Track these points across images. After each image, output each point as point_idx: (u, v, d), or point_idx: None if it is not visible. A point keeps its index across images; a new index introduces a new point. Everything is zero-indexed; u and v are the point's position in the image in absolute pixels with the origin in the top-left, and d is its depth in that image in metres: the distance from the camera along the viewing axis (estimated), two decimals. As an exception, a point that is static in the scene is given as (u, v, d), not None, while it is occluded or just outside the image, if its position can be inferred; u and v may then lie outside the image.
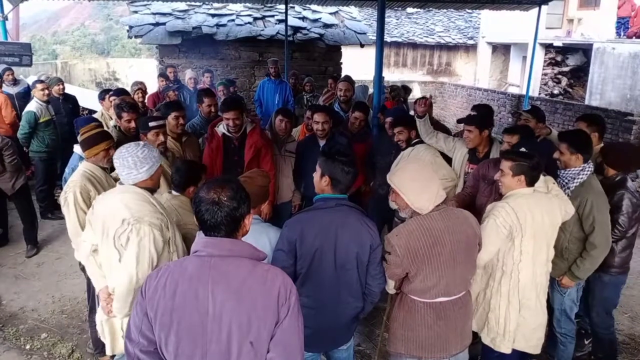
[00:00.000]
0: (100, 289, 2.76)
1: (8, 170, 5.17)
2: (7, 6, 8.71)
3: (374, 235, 2.49)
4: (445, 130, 4.93)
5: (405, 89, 8.42)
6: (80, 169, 3.28)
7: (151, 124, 3.65)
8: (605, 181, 3.43)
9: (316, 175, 2.52)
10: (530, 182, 2.83)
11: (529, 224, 2.76)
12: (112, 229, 2.49)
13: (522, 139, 3.51)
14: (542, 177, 2.99)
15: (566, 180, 3.26)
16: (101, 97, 5.91)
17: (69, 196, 3.09)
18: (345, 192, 2.52)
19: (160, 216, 2.54)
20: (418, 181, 2.44)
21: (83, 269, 3.41)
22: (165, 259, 2.54)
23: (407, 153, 4.14)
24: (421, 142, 4.19)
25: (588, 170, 3.21)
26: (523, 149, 2.97)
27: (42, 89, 6.24)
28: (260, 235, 2.49)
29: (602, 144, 3.91)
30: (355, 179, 2.58)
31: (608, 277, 3.41)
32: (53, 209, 6.44)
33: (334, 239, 2.42)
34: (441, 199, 2.48)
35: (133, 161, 2.52)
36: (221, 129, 4.12)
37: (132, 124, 4.22)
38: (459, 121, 4.73)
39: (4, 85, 7.03)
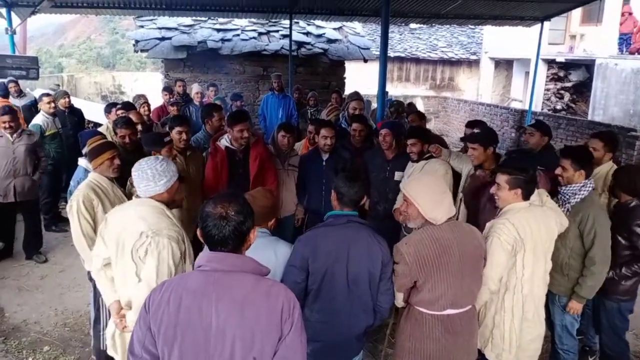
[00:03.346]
0: (110, 304, 2.76)
1: (38, 170, 5.48)
2: (16, 20, 8.82)
3: (385, 251, 2.53)
4: (442, 142, 4.94)
5: (410, 107, 8.44)
6: (86, 180, 3.39)
7: (166, 139, 3.82)
8: (619, 206, 3.39)
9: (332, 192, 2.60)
10: (527, 196, 2.84)
11: (528, 238, 2.76)
12: (130, 242, 2.49)
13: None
14: (535, 190, 3.01)
15: (567, 196, 3.23)
16: (107, 111, 5.97)
17: (73, 205, 3.23)
18: (354, 207, 2.56)
19: (177, 229, 2.56)
20: (434, 193, 2.50)
21: (91, 277, 3.44)
22: (180, 272, 2.53)
23: (419, 166, 4.12)
24: (432, 156, 4.19)
25: (590, 186, 3.19)
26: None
27: (49, 102, 6.30)
28: (266, 249, 2.51)
29: (612, 163, 3.92)
30: (363, 193, 2.60)
31: (611, 304, 3.38)
32: (57, 222, 6.47)
33: (346, 255, 2.45)
34: (452, 213, 2.54)
35: (152, 174, 2.54)
36: (224, 142, 4.14)
37: (127, 139, 4.38)
38: (463, 139, 4.74)
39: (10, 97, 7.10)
